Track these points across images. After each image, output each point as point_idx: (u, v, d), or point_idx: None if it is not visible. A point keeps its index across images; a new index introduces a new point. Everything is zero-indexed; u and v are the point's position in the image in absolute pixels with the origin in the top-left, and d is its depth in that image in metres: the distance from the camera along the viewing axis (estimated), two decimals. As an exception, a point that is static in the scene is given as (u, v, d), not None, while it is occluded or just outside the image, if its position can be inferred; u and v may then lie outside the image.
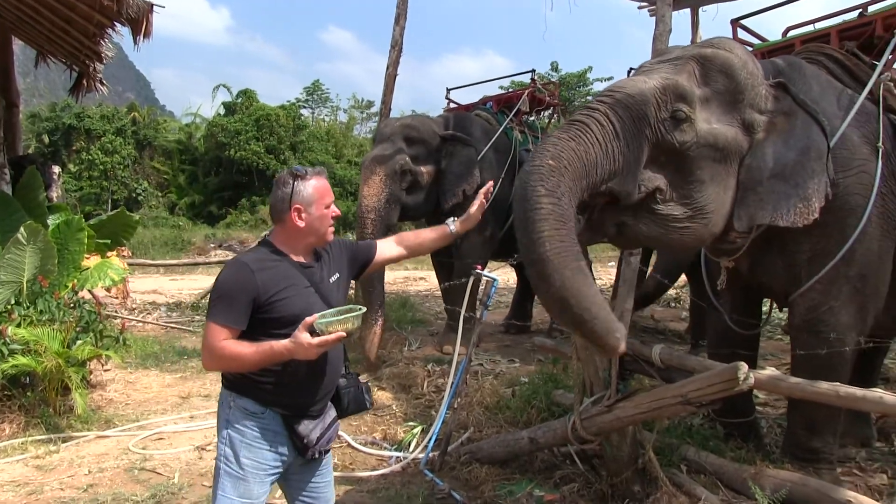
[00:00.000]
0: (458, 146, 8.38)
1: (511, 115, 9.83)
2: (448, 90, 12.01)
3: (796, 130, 4.06)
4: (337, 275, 3.16)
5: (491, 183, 3.59)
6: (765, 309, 5.65)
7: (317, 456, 3.07)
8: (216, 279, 2.91)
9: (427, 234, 3.51)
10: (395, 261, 3.52)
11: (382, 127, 8.89)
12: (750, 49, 6.77)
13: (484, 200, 3.37)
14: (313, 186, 2.95)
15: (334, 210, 3.04)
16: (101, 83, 11.03)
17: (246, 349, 2.77)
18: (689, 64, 3.87)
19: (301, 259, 3.02)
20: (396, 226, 8.18)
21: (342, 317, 2.73)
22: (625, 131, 3.49)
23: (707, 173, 3.79)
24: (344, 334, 2.72)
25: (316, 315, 2.70)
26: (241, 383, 2.94)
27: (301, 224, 2.94)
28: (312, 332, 2.69)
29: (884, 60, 4.88)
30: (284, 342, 2.72)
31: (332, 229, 3.06)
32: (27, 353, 5.99)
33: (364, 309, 2.90)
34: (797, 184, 4.00)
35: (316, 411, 3.04)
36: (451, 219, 3.44)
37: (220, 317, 2.80)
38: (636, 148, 3.54)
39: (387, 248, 3.42)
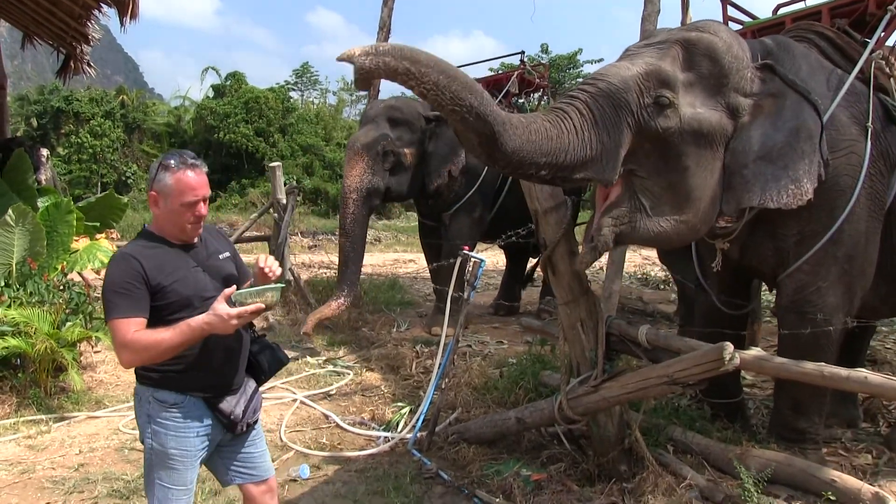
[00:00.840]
0: (444, 127, 8.35)
1: (500, 97, 9.81)
2: (437, 72, 11.90)
3: (785, 112, 4.04)
4: (227, 253, 3.12)
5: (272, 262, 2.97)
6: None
7: (245, 429, 3.07)
8: (104, 278, 2.84)
9: None
10: None
11: (368, 109, 8.96)
12: (740, 27, 6.74)
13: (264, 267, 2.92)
14: (175, 179, 2.81)
15: (199, 210, 2.88)
16: (89, 65, 11.03)
17: (163, 334, 2.67)
18: (674, 48, 3.87)
19: (180, 242, 2.95)
20: (379, 207, 8.12)
21: (260, 288, 2.73)
22: (604, 119, 3.50)
23: (692, 159, 3.79)
24: (263, 306, 2.71)
25: (234, 287, 2.70)
26: (154, 377, 2.88)
27: (157, 211, 2.89)
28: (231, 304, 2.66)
29: (875, 38, 4.85)
30: (201, 317, 2.66)
31: (194, 227, 2.92)
32: (17, 334, 5.99)
33: (283, 284, 2.88)
34: (786, 165, 3.99)
35: (235, 386, 3.02)
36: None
37: (124, 310, 2.71)
38: (616, 135, 3.54)
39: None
